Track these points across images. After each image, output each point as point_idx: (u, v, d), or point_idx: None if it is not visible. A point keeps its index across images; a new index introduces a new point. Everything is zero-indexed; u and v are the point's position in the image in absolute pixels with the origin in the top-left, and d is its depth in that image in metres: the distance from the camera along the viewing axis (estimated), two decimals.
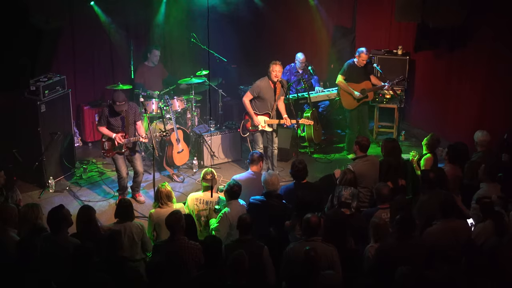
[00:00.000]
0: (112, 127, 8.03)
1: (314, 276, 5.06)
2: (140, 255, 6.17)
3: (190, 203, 6.94)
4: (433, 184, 6.54)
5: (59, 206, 5.91)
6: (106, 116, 8.01)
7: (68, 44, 9.80)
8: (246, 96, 8.70)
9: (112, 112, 7.97)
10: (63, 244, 5.62)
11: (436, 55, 10.02)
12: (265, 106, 8.66)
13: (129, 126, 8.02)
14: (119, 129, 8.03)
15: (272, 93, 8.59)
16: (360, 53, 9.27)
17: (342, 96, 9.56)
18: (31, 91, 8.46)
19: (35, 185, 8.77)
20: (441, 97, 10.05)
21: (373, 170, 7.28)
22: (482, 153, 7.52)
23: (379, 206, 6.30)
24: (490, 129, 8.31)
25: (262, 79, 8.62)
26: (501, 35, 8.77)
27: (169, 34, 10.71)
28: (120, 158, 8.15)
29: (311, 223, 5.56)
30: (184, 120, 10.07)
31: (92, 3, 9.69)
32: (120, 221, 6.20)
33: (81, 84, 10.18)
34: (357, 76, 9.42)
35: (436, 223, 5.88)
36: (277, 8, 10.95)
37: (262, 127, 8.71)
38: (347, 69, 9.44)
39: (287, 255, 5.56)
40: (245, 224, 5.71)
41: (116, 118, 8.00)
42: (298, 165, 6.90)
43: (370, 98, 9.61)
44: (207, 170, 6.99)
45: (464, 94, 9.61)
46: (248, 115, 8.74)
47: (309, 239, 5.55)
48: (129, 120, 8.02)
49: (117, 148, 8.04)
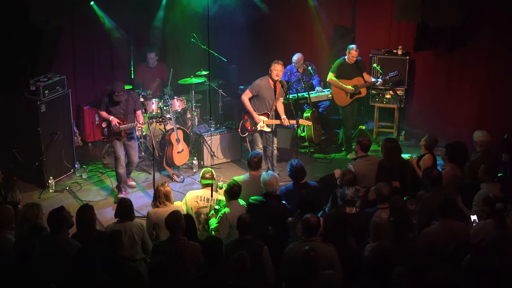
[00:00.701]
0: (111, 114, 8.17)
1: (313, 276, 5.06)
2: (140, 255, 6.16)
3: (190, 200, 6.90)
4: (437, 182, 6.54)
5: (60, 207, 5.90)
6: (105, 103, 8.17)
7: (68, 44, 9.80)
8: (245, 94, 8.68)
9: (111, 100, 8.11)
10: (63, 245, 5.61)
11: (436, 55, 10.02)
12: (264, 105, 8.66)
13: (128, 115, 8.19)
14: (119, 116, 8.18)
15: (271, 93, 8.58)
16: (350, 49, 9.33)
17: (335, 93, 9.62)
18: (31, 91, 8.46)
19: (35, 185, 8.77)
20: (441, 97, 10.05)
21: (374, 170, 7.27)
22: (481, 153, 7.51)
23: (379, 206, 6.30)
24: (490, 129, 8.31)
25: (262, 78, 8.62)
26: (501, 35, 8.76)
27: (169, 34, 10.70)
28: (118, 145, 8.29)
29: (310, 223, 5.56)
30: (184, 120, 10.07)
31: (92, 3, 9.69)
32: (120, 220, 6.20)
33: (81, 84, 10.19)
34: (348, 72, 9.48)
35: (435, 223, 5.88)
36: (277, 8, 10.94)
37: (261, 127, 8.70)
38: (338, 66, 9.52)
39: (287, 255, 5.56)
40: (245, 224, 5.72)
41: (116, 107, 8.15)
42: (296, 165, 6.90)
43: (363, 94, 9.63)
44: (206, 169, 6.99)
45: (464, 94, 9.61)
46: (248, 115, 8.73)
47: (308, 239, 5.55)
48: (128, 109, 8.17)
49: (116, 134, 8.17)
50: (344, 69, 9.47)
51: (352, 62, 9.41)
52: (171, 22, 10.60)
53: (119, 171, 8.41)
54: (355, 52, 9.31)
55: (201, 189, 7.01)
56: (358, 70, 9.52)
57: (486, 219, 5.98)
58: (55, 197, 8.54)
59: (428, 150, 7.57)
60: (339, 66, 9.51)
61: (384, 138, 7.95)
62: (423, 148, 7.64)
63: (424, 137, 7.72)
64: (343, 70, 9.48)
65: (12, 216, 6.01)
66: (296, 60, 10.11)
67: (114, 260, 5.44)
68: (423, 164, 7.43)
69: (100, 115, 8.31)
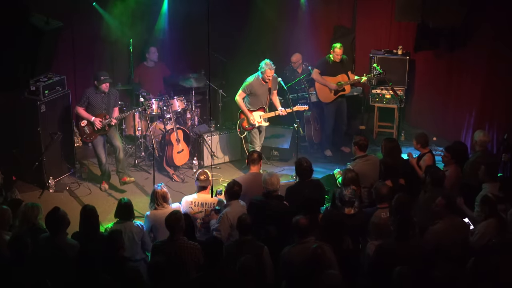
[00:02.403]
0: (92, 108, 8.32)
1: (318, 275, 5.04)
2: (140, 255, 6.17)
3: (185, 207, 6.85)
4: (440, 182, 6.53)
5: (55, 208, 5.86)
6: (87, 97, 8.32)
7: (68, 44, 9.78)
8: (239, 95, 8.81)
9: (94, 93, 8.29)
10: (63, 246, 5.61)
11: (436, 55, 10.02)
12: (258, 101, 8.81)
13: (109, 110, 8.40)
14: (100, 111, 8.32)
15: (264, 88, 8.76)
16: (334, 48, 9.40)
17: (318, 89, 9.66)
18: (31, 91, 8.46)
19: (35, 185, 8.77)
20: (441, 97, 10.05)
21: (374, 170, 7.26)
22: (481, 153, 7.51)
23: (378, 205, 6.29)
24: (490, 129, 8.32)
25: (252, 76, 8.76)
26: (501, 34, 8.76)
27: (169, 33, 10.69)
28: (100, 143, 8.45)
29: (300, 225, 5.54)
30: (184, 120, 10.07)
31: (94, 3, 9.68)
32: (120, 221, 6.20)
33: (81, 84, 10.17)
34: (332, 70, 9.53)
35: (439, 222, 5.87)
36: (277, 8, 10.92)
37: (259, 122, 8.76)
38: (322, 63, 9.62)
39: (283, 258, 5.53)
40: (245, 224, 5.71)
41: (98, 99, 8.31)
42: (304, 163, 6.88)
43: (348, 91, 9.66)
44: (200, 172, 6.96)
45: (464, 94, 9.60)
46: (243, 114, 8.78)
47: (301, 241, 5.53)
48: (110, 104, 8.40)
49: (100, 130, 8.25)
50: (328, 66, 9.53)
51: (337, 60, 9.44)
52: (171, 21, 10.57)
53: (102, 168, 8.63)
54: (339, 50, 9.36)
55: (195, 194, 6.94)
56: (343, 68, 9.55)
57: (487, 220, 5.98)
58: (55, 197, 8.54)
59: (425, 147, 7.56)
60: (323, 63, 9.60)
61: (384, 138, 7.94)
62: (420, 148, 7.62)
63: (415, 138, 7.68)
64: (327, 67, 9.54)
65: (9, 217, 6.00)
66: (295, 59, 10.13)
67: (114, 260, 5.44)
68: (424, 163, 7.42)
69: (79, 112, 8.37)
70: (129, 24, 9.92)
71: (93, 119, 8.21)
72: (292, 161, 8.90)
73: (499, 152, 8.17)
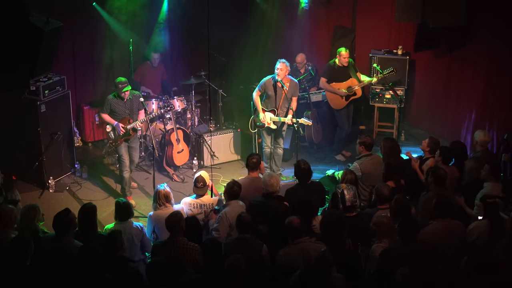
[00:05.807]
0: (116, 115, 8.16)
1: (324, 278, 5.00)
2: (139, 256, 6.15)
3: (184, 208, 6.81)
4: (441, 181, 6.51)
5: (65, 210, 5.83)
6: (109, 104, 8.14)
7: (68, 44, 9.78)
8: (255, 92, 8.76)
9: (115, 100, 8.13)
10: (69, 247, 5.58)
11: (436, 55, 10.02)
12: (271, 103, 8.70)
13: (133, 114, 8.22)
14: (124, 115, 8.16)
15: (278, 92, 8.59)
16: (339, 52, 9.26)
17: (329, 98, 9.52)
18: (31, 91, 8.46)
19: (35, 185, 8.78)
20: (441, 97, 10.05)
21: (379, 169, 7.22)
22: (481, 153, 7.50)
23: (379, 206, 6.28)
24: (490, 129, 8.32)
25: (269, 76, 8.68)
26: (501, 35, 8.75)
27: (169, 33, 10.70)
28: (124, 148, 8.28)
29: (294, 225, 5.52)
30: (184, 120, 10.07)
31: (94, 3, 9.68)
32: (119, 222, 6.19)
33: (81, 84, 10.18)
34: (339, 75, 9.39)
35: (432, 222, 5.87)
36: (277, 8, 10.93)
37: (268, 124, 8.70)
38: (327, 70, 9.45)
39: (281, 259, 5.51)
40: (244, 223, 5.70)
41: (120, 106, 8.14)
42: (302, 165, 6.85)
43: (359, 94, 9.56)
44: (198, 178, 6.85)
45: (464, 94, 9.60)
46: (256, 111, 8.76)
47: (295, 241, 5.51)
48: (133, 108, 8.21)
49: (125, 135, 8.14)
50: (334, 72, 9.39)
51: (344, 64, 9.30)
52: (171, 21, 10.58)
53: (124, 175, 8.37)
54: (346, 53, 9.23)
55: (194, 196, 6.92)
56: (350, 71, 9.42)
57: (482, 219, 5.97)
58: (55, 197, 8.54)
59: (432, 153, 7.49)
60: (328, 69, 9.44)
61: (383, 138, 7.92)
62: (427, 153, 7.54)
63: (426, 141, 7.60)
64: (332, 73, 9.40)
65: (14, 216, 5.99)
66: (300, 60, 10.08)
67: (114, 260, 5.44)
68: (427, 168, 7.32)
69: (102, 117, 8.27)
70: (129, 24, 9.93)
71: (116, 124, 8.11)
72: (292, 161, 8.91)
73: (499, 152, 8.17)
